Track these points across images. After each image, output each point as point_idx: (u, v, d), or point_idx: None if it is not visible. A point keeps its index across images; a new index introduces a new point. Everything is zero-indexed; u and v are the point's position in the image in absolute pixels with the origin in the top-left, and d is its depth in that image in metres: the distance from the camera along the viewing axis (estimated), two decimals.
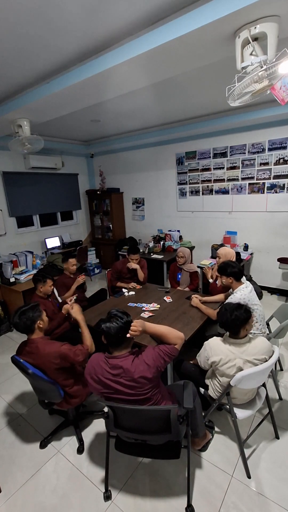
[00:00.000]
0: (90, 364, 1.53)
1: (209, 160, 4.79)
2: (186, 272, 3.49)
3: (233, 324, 1.72)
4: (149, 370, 1.41)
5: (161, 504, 1.65)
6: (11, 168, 4.87)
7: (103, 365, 1.47)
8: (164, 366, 1.48)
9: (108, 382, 1.45)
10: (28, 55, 2.07)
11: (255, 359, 1.70)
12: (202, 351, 1.89)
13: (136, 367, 1.41)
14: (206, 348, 1.83)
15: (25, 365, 1.78)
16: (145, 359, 1.44)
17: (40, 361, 1.81)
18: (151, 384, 1.45)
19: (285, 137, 4.00)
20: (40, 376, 1.78)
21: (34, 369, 1.78)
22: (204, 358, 1.84)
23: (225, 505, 1.61)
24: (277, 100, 1.86)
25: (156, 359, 1.45)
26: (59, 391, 1.85)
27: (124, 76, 2.12)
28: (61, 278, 3.27)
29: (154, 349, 1.50)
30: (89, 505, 1.67)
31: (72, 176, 6.13)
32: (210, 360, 1.78)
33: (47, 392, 1.91)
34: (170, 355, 1.50)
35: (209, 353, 1.79)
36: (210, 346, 1.81)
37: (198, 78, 2.75)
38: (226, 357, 1.71)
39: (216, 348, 1.77)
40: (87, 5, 1.58)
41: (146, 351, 1.50)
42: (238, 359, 1.70)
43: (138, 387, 1.42)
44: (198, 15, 1.50)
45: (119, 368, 1.43)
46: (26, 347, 1.86)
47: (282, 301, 4.22)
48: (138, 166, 5.79)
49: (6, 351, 3.39)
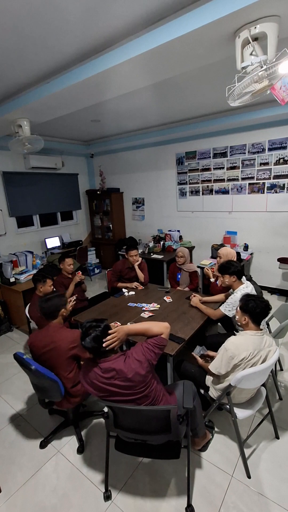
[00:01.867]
0: (83, 370, 1.53)
1: (209, 160, 4.79)
2: (185, 272, 3.49)
3: (264, 309, 1.75)
4: (142, 366, 1.42)
5: (161, 504, 1.65)
6: (11, 168, 4.87)
7: (95, 370, 1.47)
8: (155, 358, 1.48)
9: (103, 386, 1.44)
10: (28, 55, 2.07)
11: (270, 351, 1.75)
12: (222, 354, 1.76)
13: (129, 366, 1.41)
14: (228, 348, 1.73)
15: (28, 362, 1.79)
16: (135, 356, 1.44)
17: (57, 344, 1.86)
18: (147, 380, 1.45)
19: (285, 137, 4.00)
20: (42, 373, 1.79)
21: (37, 365, 1.79)
22: (227, 359, 1.72)
23: (225, 505, 1.62)
24: (277, 100, 1.86)
25: (146, 353, 1.45)
26: (60, 389, 1.86)
27: (124, 76, 2.12)
28: (59, 278, 3.28)
29: (142, 345, 1.50)
30: (89, 505, 1.67)
31: (72, 176, 6.13)
32: (239, 357, 1.68)
33: (47, 390, 1.91)
34: (158, 345, 1.49)
35: (234, 351, 1.70)
36: (234, 344, 1.72)
37: (198, 78, 2.75)
38: (254, 350, 1.70)
39: (244, 343, 1.72)
40: (87, 5, 1.58)
41: (135, 348, 1.50)
42: (263, 350, 1.72)
43: (134, 386, 1.42)
44: (198, 15, 1.50)
45: (112, 371, 1.42)
46: (43, 331, 1.97)
47: (282, 301, 4.22)
48: (138, 166, 5.79)
49: (6, 351, 3.39)
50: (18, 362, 1.86)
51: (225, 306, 2.41)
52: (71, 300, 2.82)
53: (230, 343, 1.74)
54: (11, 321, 3.95)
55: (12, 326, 3.95)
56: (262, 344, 1.74)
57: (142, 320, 2.53)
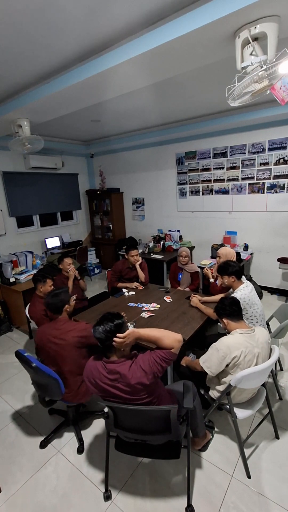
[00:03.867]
0: (88, 367, 1.52)
1: (209, 160, 4.79)
2: (187, 272, 3.49)
3: (231, 305, 1.86)
4: (146, 377, 1.39)
5: (161, 504, 1.65)
6: (11, 168, 4.87)
7: (101, 369, 1.46)
8: (161, 371, 1.45)
9: (106, 387, 1.44)
10: (28, 55, 2.07)
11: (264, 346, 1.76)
12: (212, 354, 1.76)
13: (133, 373, 1.39)
14: (219, 348, 1.73)
15: (29, 359, 1.80)
16: (141, 364, 1.41)
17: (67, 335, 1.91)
18: (149, 390, 1.44)
19: (285, 137, 4.00)
20: (43, 370, 1.79)
21: (37, 362, 1.80)
22: (219, 359, 1.72)
23: (225, 505, 1.62)
24: (277, 100, 1.86)
25: (152, 365, 1.41)
26: (60, 387, 1.86)
27: (124, 76, 2.12)
28: (59, 277, 3.28)
29: (150, 354, 1.46)
30: (89, 505, 1.67)
31: (72, 176, 6.13)
32: (230, 356, 1.69)
33: (48, 388, 1.91)
34: (167, 360, 1.45)
35: (226, 351, 1.70)
36: (225, 344, 1.73)
37: (198, 78, 2.75)
38: (246, 349, 1.70)
39: (235, 342, 1.72)
40: (87, 5, 1.58)
41: (143, 356, 1.46)
42: (256, 348, 1.72)
43: (135, 393, 1.41)
44: (198, 15, 1.50)
45: (116, 373, 1.41)
46: (52, 324, 2.03)
47: (282, 301, 4.22)
48: (138, 166, 5.79)
49: (6, 351, 3.39)
50: (19, 359, 1.87)
51: None
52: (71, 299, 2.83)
53: (221, 343, 1.76)
54: (11, 321, 3.95)
55: (12, 326, 3.95)
56: (255, 341, 1.74)
57: (142, 320, 2.53)
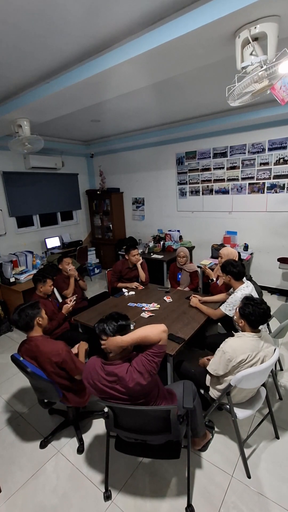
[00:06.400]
0: (87, 369, 1.53)
1: (209, 160, 4.79)
2: (186, 272, 3.49)
3: (261, 317, 1.71)
4: (143, 377, 1.39)
5: (161, 504, 1.65)
6: (11, 168, 4.87)
7: (99, 371, 1.46)
8: (156, 368, 1.45)
9: (104, 388, 1.44)
10: (28, 55, 2.07)
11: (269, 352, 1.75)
12: (220, 356, 1.76)
13: (130, 375, 1.40)
14: (226, 350, 1.72)
15: (24, 364, 1.78)
16: (136, 367, 1.42)
17: (40, 359, 1.81)
18: (147, 390, 1.44)
19: (285, 137, 4.00)
20: (39, 375, 1.78)
21: (33, 367, 1.79)
22: (225, 362, 1.71)
23: (225, 505, 1.61)
24: (277, 100, 1.86)
25: (146, 365, 1.41)
26: (57, 390, 1.86)
27: (124, 76, 2.12)
28: (60, 277, 3.28)
29: (142, 356, 1.46)
30: (89, 505, 1.67)
31: (72, 176, 6.13)
32: (236, 360, 1.68)
33: (46, 391, 1.91)
34: (158, 353, 1.44)
35: (232, 354, 1.69)
36: (231, 347, 1.72)
37: (198, 78, 2.75)
38: (253, 352, 1.70)
39: (242, 346, 1.71)
40: (87, 5, 1.58)
41: (136, 360, 1.46)
42: (261, 352, 1.72)
43: (134, 395, 1.42)
44: (198, 15, 1.50)
45: (114, 376, 1.42)
46: (26, 345, 1.88)
47: (282, 301, 4.22)
48: (138, 166, 5.79)
49: (6, 351, 3.39)
50: (15, 363, 1.86)
51: (226, 305, 2.41)
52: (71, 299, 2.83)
53: (228, 346, 1.74)
54: (11, 321, 3.95)
55: (12, 326, 3.95)
56: (260, 346, 1.74)
57: (142, 320, 2.53)
